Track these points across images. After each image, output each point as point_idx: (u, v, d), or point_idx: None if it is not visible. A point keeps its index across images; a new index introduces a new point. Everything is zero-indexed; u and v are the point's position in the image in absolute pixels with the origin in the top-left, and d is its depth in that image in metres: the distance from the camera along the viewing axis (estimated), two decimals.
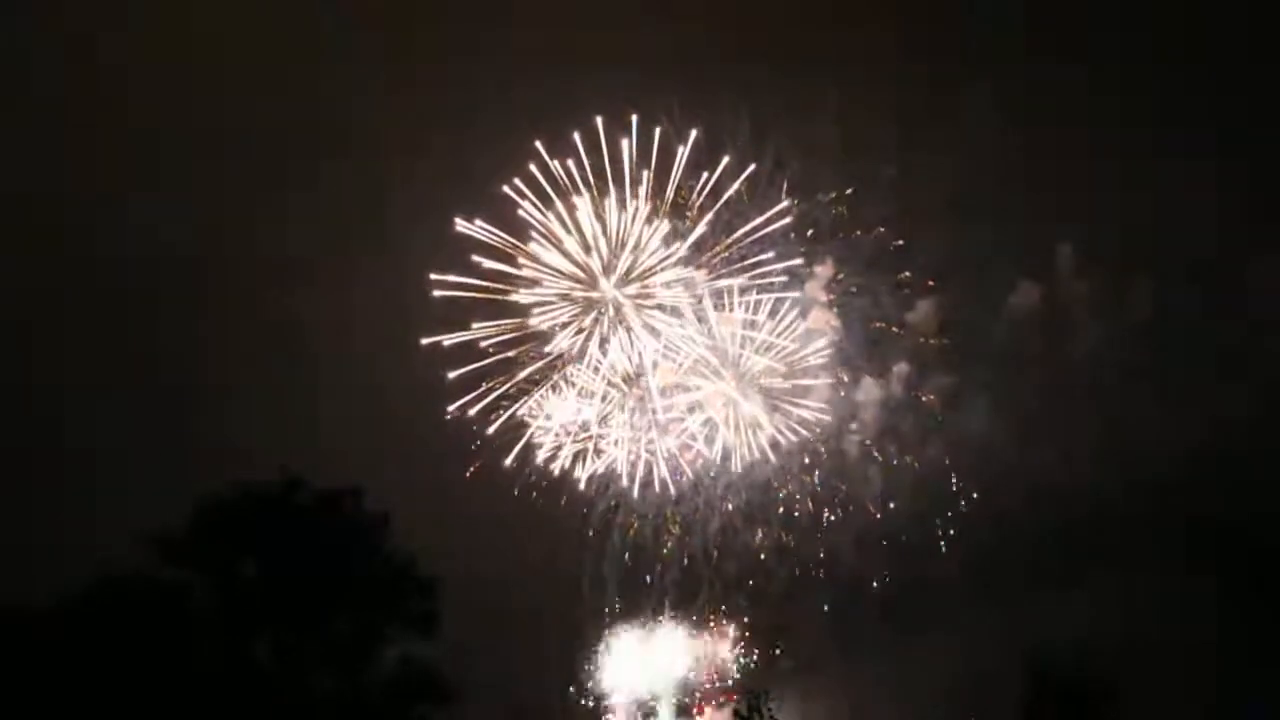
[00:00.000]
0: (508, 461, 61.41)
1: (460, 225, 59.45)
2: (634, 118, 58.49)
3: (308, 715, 33.32)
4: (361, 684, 35.22)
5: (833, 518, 61.74)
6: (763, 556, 62.10)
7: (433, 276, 59.84)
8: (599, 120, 58.72)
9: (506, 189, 59.69)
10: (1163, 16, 64.05)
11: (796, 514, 61.80)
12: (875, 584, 62.17)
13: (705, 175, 59.66)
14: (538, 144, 59.62)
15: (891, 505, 62.01)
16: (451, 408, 61.19)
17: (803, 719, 56.79)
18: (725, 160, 59.32)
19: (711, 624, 64.65)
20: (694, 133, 59.00)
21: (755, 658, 64.45)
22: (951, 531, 61.65)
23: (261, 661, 33.03)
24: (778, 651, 63.41)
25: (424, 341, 59.98)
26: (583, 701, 64.54)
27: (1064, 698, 38.82)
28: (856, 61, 62.18)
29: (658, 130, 58.38)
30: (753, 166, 59.61)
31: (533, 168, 59.68)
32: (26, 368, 59.17)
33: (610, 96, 58.74)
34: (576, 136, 59.13)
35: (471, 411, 61.30)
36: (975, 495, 61.51)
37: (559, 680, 63.97)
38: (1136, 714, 39.69)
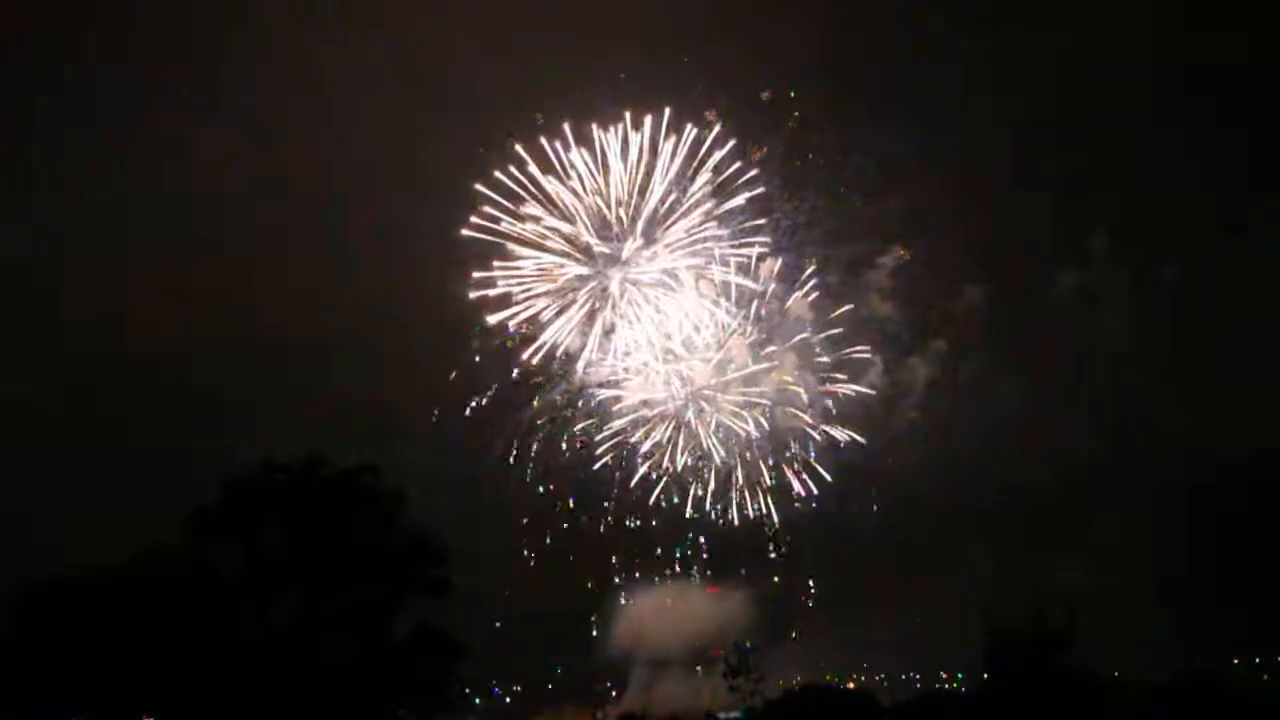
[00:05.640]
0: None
1: None
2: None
3: (323, 672, 36.18)
4: (378, 644, 38.60)
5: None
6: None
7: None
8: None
9: None
10: None
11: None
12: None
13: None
14: None
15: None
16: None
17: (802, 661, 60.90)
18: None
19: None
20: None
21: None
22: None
23: (281, 624, 36.15)
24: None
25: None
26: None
27: (1024, 645, 41.90)
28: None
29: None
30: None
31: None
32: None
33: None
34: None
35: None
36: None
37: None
38: (1089, 659, 42.67)
